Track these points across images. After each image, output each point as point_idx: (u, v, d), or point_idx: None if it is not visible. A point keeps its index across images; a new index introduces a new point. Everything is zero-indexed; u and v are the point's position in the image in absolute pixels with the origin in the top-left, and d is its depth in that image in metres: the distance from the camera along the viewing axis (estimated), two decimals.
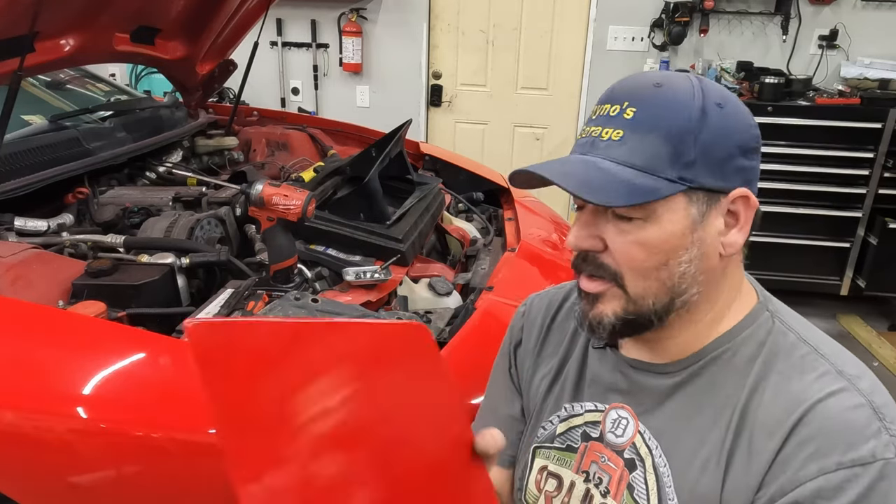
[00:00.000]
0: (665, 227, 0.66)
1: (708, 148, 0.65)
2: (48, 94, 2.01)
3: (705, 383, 0.70)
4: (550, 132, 4.17)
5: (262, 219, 1.25)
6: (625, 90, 0.68)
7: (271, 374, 0.49)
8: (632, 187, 0.65)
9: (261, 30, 2.10)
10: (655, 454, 0.72)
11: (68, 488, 0.98)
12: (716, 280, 0.69)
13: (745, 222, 0.67)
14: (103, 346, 1.04)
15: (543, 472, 0.82)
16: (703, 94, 0.66)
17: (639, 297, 0.68)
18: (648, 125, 0.65)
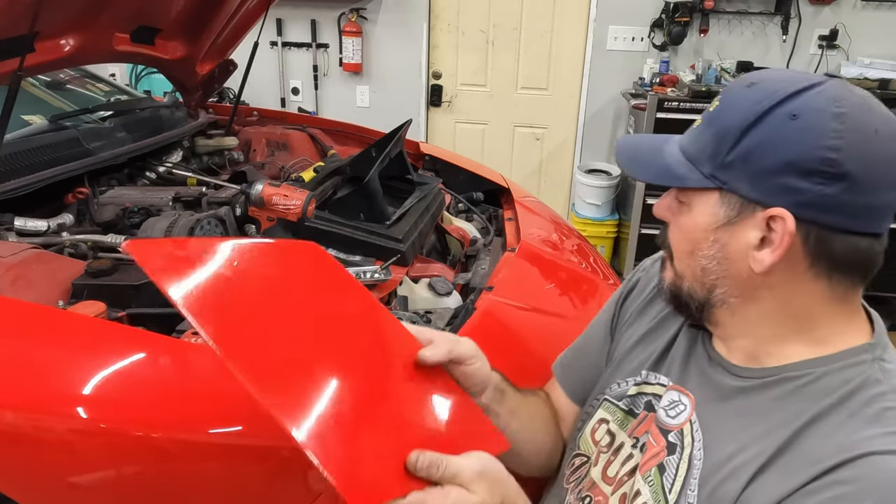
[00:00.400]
0: (695, 218, 0.70)
1: (750, 154, 0.64)
2: (48, 94, 2.01)
3: (771, 399, 0.68)
4: (550, 132, 4.17)
5: (262, 219, 1.25)
6: (729, 85, 0.72)
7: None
8: (666, 170, 0.71)
9: (261, 30, 2.10)
10: (696, 446, 0.72)
11: (68, 488, 0.98)
12: (755, 294, 0.68)
13: (779, 245, 0.63)
14: (103, 346, 1.04)
15: (602, 424, 0.86)
16: (781, 101, 0.63)
17: (680, 275, 0.75)
18: (712, 120, 0.69)
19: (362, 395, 0.63)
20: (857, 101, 0.63)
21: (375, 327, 0.73)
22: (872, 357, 0.66)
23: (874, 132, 0.62)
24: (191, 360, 1.03)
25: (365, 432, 0.60)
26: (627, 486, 0.78)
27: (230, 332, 0.58)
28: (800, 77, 0.65)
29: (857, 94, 0.64)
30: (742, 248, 0.66)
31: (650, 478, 0.75)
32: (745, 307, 0.70)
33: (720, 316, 0.73)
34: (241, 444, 0.94)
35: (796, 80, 0.65)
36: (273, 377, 0.57)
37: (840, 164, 0.60)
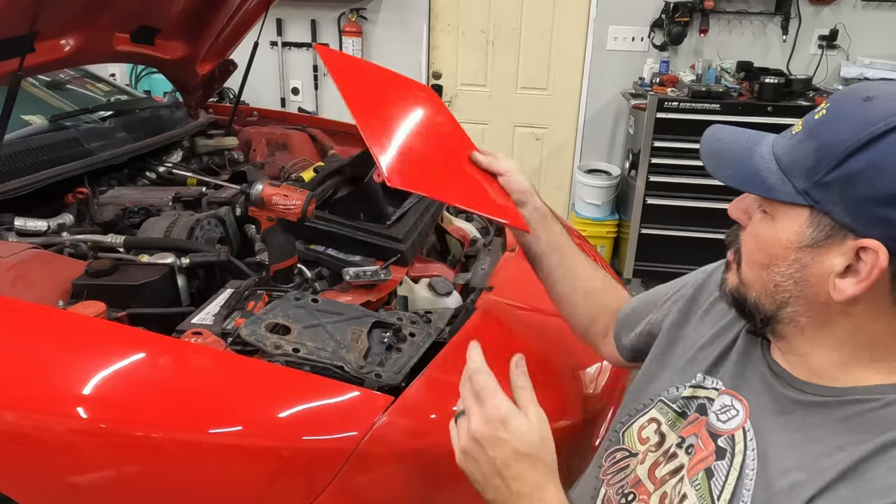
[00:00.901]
0: (777, 232, 0.66)
1: (854, 178, 0.59)
2: (48, 94, 2.01)
3: (836, 420, 0.65)
4: (550, 132, 4.17)
5: (262, 219, 1.24)
6: (839, 93, 0.66)
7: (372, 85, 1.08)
8: (756, 176, 0.67)
9: (261, 30, 2.10)
10: (749, 455, 0.70)
11: (68, 488, 0.98)
12: (829, 318, 0.66)
13: (866, 278, 0.60)
14: (103, 346, 1.04)
15: (652, 423, 0.85)
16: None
17: (747, 283, 0.72)
18: (816, 130, 0.64)
19: (442, 151, 1.06)
20: None
21: (455, 130, 1.18)
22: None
23: None
24: (191, 360, 1.03)
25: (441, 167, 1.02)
26: (669, 486, 0.77)
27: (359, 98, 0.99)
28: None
29: None
30: (824, 272, 0.63)
31: (697, 482, 0.73)
32: (815, 329, 0.67)
33: (786, 332, 0.70)
34: (241, 444, 0.94)
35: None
36: (379, 127, 0.97)
37: None
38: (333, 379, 0.99)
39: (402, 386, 1.01)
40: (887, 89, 0.63)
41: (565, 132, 4.15)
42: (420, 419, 1.00)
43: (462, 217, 2.06)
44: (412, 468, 0.99)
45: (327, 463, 0.93)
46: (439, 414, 1.03)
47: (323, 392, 0.98)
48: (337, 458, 0.92)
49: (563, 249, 1.09)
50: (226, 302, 1.18)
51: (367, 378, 1.00)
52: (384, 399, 0.97)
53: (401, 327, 1.15)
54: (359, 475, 0.94)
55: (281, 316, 1.08)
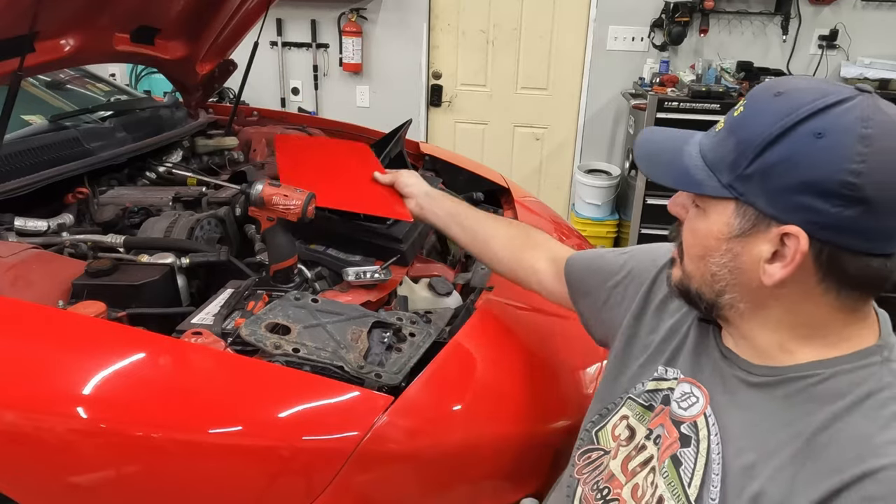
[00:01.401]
0: (709, 225, 0.70)
1: (770, 170, 0.63)
2: (48, 94, 2.01)
3: (779, 397, 0.69)
4: (550, 132, 4.17)
5: (262, 219, 1.24)
6: (755, 90, 0.70)
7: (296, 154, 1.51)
8: (684, 174, 0.71)
9: (261, 30, 2.10)
10: (713, 441, 0.73)
11: (68, 488, 0.98)
12: (764, 302, 0.70)
13: (790, 262, 0.64)
14: (103, 346, 1.04)
15: (623, 420, 0.87)
16: (807, 116, 0.62)
17: (689, 275, 0.76)
18: (735, 127, 0.68)
19: (352, 179, 1.41)
20: (886, 120, 0.62)
21: (368, 163, 1.46)
22: (881, 359, 0.67)
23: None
24: (191, 360, 1.03)
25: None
26: (640, 478, 0.80)
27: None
28: (829, 90, 0.64)
29: (887, 112, 0.62)
30: (754, 259, 0.67)
31: (665, 470, 0.76)
32: (753, 313, 0.71)
33: (729, 316, 0.74)
34: (241, 444, 0.94)
35: (825, 94, 0.63)
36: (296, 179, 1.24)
37: (861, 188, 0.60)
38: (333, 379, 0.99)
39: (402, 386, 1.01)
40: (796, 84, 0.66)
41: (565, 132, 4.15)
42: (420, 419, 1.00)
43: None
44: (412, 468, 0.99)
45: (327, 463, 0.93)
46: (439, 414, 1.03)
47: (323, 392, 0.98)
48: (337, 458, 0.92)
49: (459, 217, 1.27)
50: (226, 302, 1.18)
51: (367, 378, 1.00)
52: (384, 399, 0.97)
53: (401, 327, 1.15)
54: (359, 475, 0.94)
55: (281, 316, 1.08)
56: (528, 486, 1.11)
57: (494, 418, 1.08)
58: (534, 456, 1.12)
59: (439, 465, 1.01)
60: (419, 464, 0.99)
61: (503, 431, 1.08)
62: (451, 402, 1.07)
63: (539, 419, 1.12)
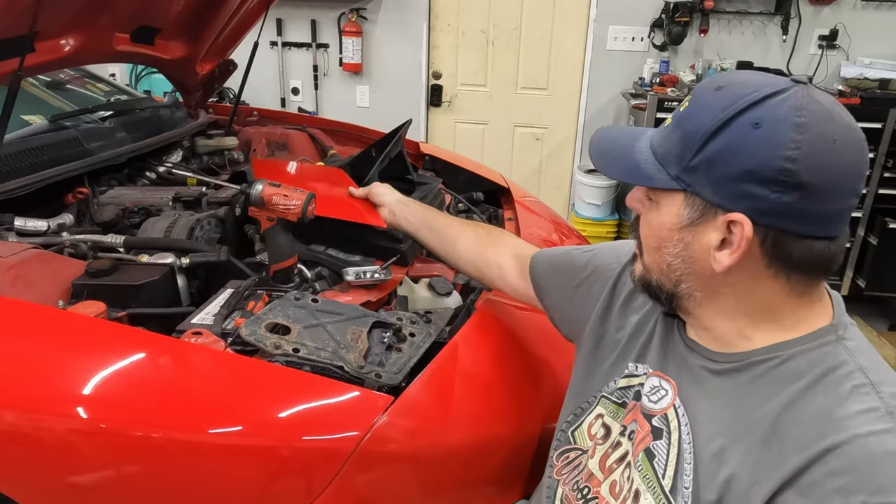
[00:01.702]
0: (661, 216, 0.73)
1: (713, 160, 0.66)
2: (48, 94, 2.01)
3: (744, 382, 0.72)
4: (550, 132, 4.17)
5: (262, 219, 1.24)
6: (699, 86, 0.73)
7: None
8: (635, 168, 0.74)
9: (261, 30, 2.10)
10: (683, 431, 0.75)
11: (68, 488, 0.98)
12: (718, 289, 0.72)
13: (737, 249, 0.67)
14: (103, 346, 1.04)
15: (599, 419, 0.89)
16: (745, 108, 0.65)
17: (648, 268, 0.78)
18: (681, 121, 0.71)
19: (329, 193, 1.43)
20: (820, 109, 0.65)
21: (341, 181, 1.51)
22: (836, 337, 0.70)
23: (832, 142, 0.64)
24: (191, 360, 1.03)
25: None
26: (617, 474, 0.81)
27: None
28: (766, 82, 0.67)
29: (820, 101, 0.65)
30: (704, 248, 0.70)
31: (639, 464, 0.77)
32: (710, 301, 0.74)
33: (688, 306, 0.76)
34: (241, 444, 0.94)
35: (762, 86, 0.66)
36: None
37: (797, 174, 0.63)
38: (333, 379, 0.99)
39: (402, 386, 1.01)
40: (736, 78, 0.70)
41: (565, 132, 4.15)
42: (420, 419, 1.00)
43: (462, 217, 2.06)
44: (412, 468, 0.99)
45: (327, 463, 0.93)
46: (439, 414, 1.03)
47: (323, 392, 0.98)
48: (337, 458, 0.92)
49: (429, 221, 1.32)
50: (226, 302, 1.18)
51: (367, 378, 1.00)
52: (384, 399, 0.97)
53: (401, 327, 1.15)
54: (359, 475, 0.94)
55: (281, 316, 1.08)
56: (528, 486, 1.11)
57: (494, 419, 1.08)
58: (534, 456, 1.12)
59: (439, 465, 1.01)
60: (419, 464, 0.99)
61: (503, 432, 1.08)
62: (451, 402, 1.07)
63: (539, 419, 1.12)
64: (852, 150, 0.65)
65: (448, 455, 1.01)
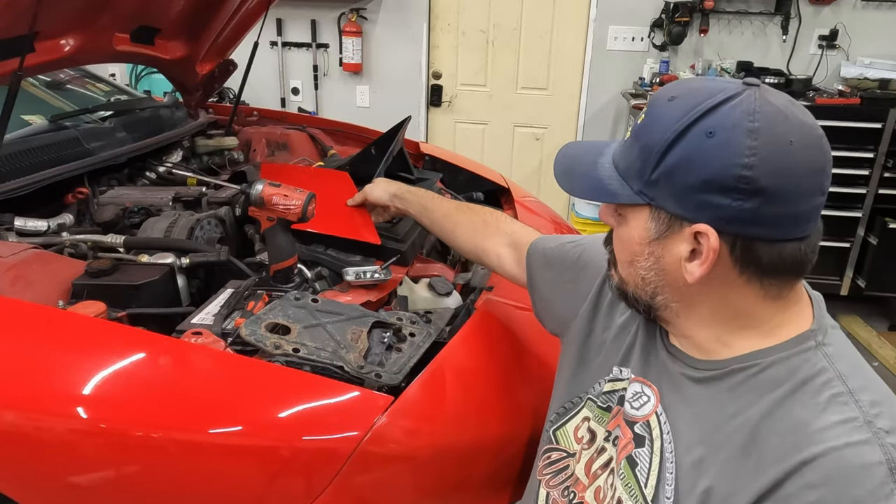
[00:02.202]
0: (630, 231, 0.73)
1: (672, 172, 0.65)
2: (48, 94, 2.01)
3: (724, 390, 0.71)
4: (550, 132, 4.17)
5: (262, 219, 1.24)
6: (653, 97, 0.72)
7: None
8: (600, 186, 0.73)
9: (261, 30, 2.10)
10: (665, 438, 0.74)
11: (68, 488, 0.98)
12: (693, 299, 0.72)
13: (705, 259, 0.66)
14: (103, 346, 1.04)
15: (585, 422, 0.88)
16: (698, 117, 0.64)
17: (624, 280, 0.78)
18: (639, 135, 0.70)
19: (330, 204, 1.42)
20: (773, 111, 0.63)
21: (346, 189, 1.53)
22: (815, 343, 0.69)
23: (788, 143, 0.63)
24: (191, 360, 1.03)
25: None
26: (601, 480, 0.81)
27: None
28: (717, 88, 0.66)
29: (773, 103, 0.64)
30: (675, 260, 0.69)
31: (622, 471, 0.77)
32: (686, 311, 0.73)
33: (667, 316, 0.76)
34: (241, 444, 0.94)
35: (714, 93, 0.65)
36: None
37: (755, 180, 0.62)
38: (333, 379, 0.99)
39: (402, 386, 1.01)
40: (688, 86, 0.69)
41: (565, 132, 4.15)
42: (420, 419, 1.00)
43: None
44: (412, 468, 0.98)
45: (327, 463, 0.93)
46: (439, 414, 1.03)
47: (323, 392, 0.98)
48: (337, 458, 0.92)
49: (427, 213, 1.32)
50: (226, 302, 1.18)
51: (367, 378, 1.00)
52: (384, 399, 0.97)
53: (401, 327, 1.15)
54: (359, 475, 0.94)
55: (281, 316, 1.08)
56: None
57: (494, 418, 1.08)
58: (534, 456, 1.11)
59: (439, 465, 1.01)
60: (419, 464, 0.98)
61: (503, 432, 1.08)
62: (451, 402, 1.07)
63: (539, 419, 1.12)
64: (811, 149, 0.65)
65: (448, 455, 1.01)
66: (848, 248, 3.39)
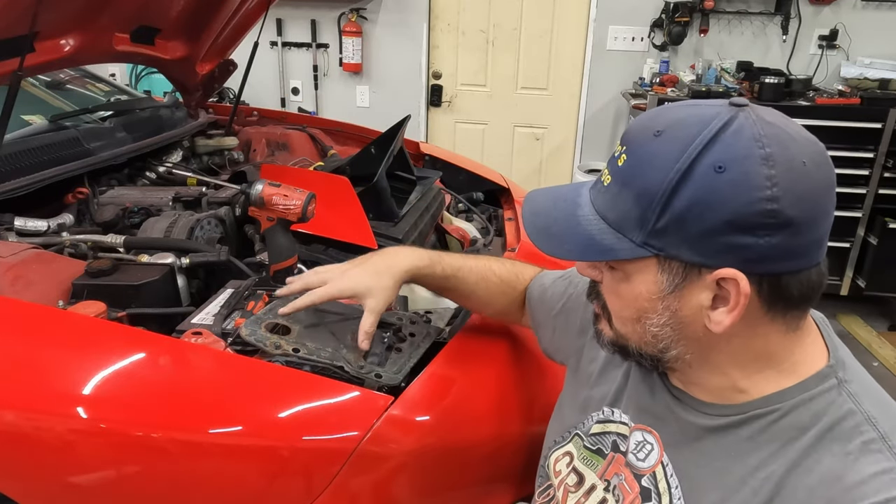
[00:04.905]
0: (635, 287, 0.64)
1: (684, 218, 0.58)
2: (48, 94, 2.01)
3: (743, 439, 0.65)
4: (550, 132, 4.17)
5: (262, 219, 1.24)
6: (630, 132, 0.64)
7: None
8: (591, 243, 0.64)
9: (261, 30, 2.10)
10: (674, 494, 0.69)
11: (68, 488, 0.98)
12: (713, 348, 0.65)
13: (735, 305, 0.59)
14: (103, 346, 1.04)
15: (566, 457, 0.84)
16: (700, 152, 0.57)
17: (622, 336, 0.70)
18: (627, 179, 0.61)
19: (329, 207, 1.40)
20: (777, 132, 0.58)
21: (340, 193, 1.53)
22: (837, 381, 0.63)
23: (802, 165, 0.57)
24: (191, 360, 1.03)
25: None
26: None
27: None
28: (708, 115, 0.59)
29: (771, 122, 0.59)
30: (695, 310, 0.62)
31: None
32: (702, 361, 0.67)
33: (676, 367, 0.69)
34: (241, 444, 0.94)
35: (705, 120, 0.58)
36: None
37: (781, 212, 0.56)
38: (333, 379, 0.99)
39: (402, 386, 1.01)
40: (671, 117, 0.61)
41: (565, 132, 4.15)
42: (420, 419, 1.00)
43: (462, 217, 2.06)
44: (412, 468, 0.98)
45: (327, 463, 0.93)
46: (439, 414, 1.03)
47: (323, 392, 0.98)
48: (337, 458, 0.92)
49: (449, 280, 1.05)
50: (226, 302, 1.18)
51: (367, 378, 1.00)
52: (384, 399, 0.97)
53: (401, 327, 1.15)
54: (359, 475, 0.94)
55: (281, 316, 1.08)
56: (528, 486, 1.11)
57: (494, 419, 1.08)
58: (534, 457, 1.11)
59: (439, 465, 1.01)
60: (419, 464, 0.98)
61: (503, 432, 1.08)
62: (451, 402, 1.07)
63: (539, 420, 1.12)
64: (822, 165, 0.59)
65: (448, 455, 1.01)
66: (848, 248, 3.40)
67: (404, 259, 1.00)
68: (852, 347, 3.15)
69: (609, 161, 0.65)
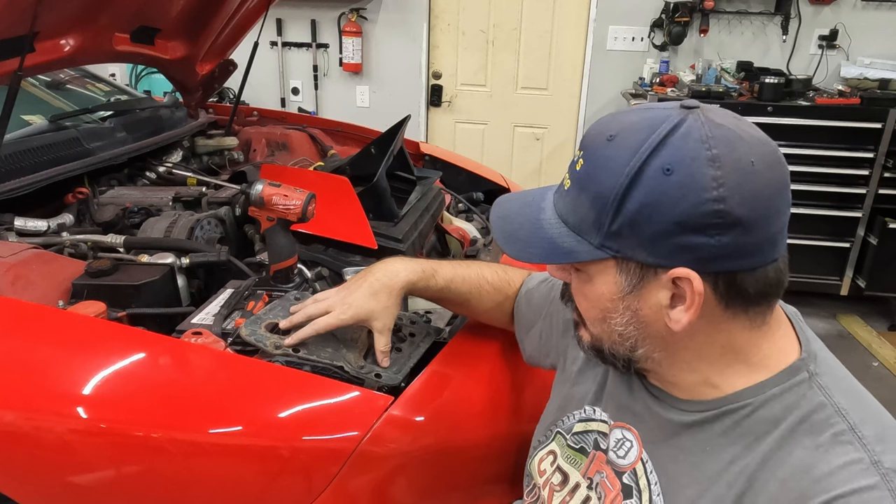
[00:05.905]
0: (597, 287, 0.67)
1: (636, 220, 0.60)
2: (48, 94, 2.01)
3: (717, 434, 0.66)
4: (550, 132, 4.17)
5: (262, 219, 1.24)
6: (587, 137, 0.66)
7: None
8: (553, 246, 0.66)
9: (261, 30, 2.10)
10: (654, 490, 0.70)
11: (68, 488, 0.98)
12: (678, 345, 0.66)
13: (691, 304, 0.61)
14: (103, 346, 1.04)
15: (550, 456, 0.85)
16: (649, 155, 0.58)
17: (598, 338, 0.72)
18: (584, 183, 0.64)
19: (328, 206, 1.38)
20: (725, 133, 0.59)
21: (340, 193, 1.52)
22: (808, 374, 0.65)
23: (750, 165, 0.58)
24: (191, 360, 1.03)
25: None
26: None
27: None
28: (657, 118, 0.60)
29: (722, 124, 0.60)
30: (654, 309, 0.64)
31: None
32: (671, 358, 0.68)
33: (648, 366, 0.71)
34: (241, 444, 0.94)
35: (655, 125, 0.60)
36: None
37: (729, 212, 0.57)
38: (333, 379, 0.99)
39: (402, 386, 1.01)
40: (624, 121, 0.63)
41: (565, 132, 4.15)
42: (420, 419, 1.00)
43: (462, 217, 2.06)
44: (412, 468, 0.99)
45: (327, 463, 0.93)
46: (439, 414, 1.03)
47: (323, 392, 0.98)
48: (337, 458, 0.92)
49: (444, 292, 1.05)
50: (226, 302, 1.18)
51: (367, 378, 1.00)
52: (384, 399, 0.97)
53: (401, 327, 1.15)
54: (359, 475, 0.94)
55: (281, 316, 1.08)
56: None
57: (494, 418, 1.08)
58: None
59: (439, 465, 1.01)
60: (419, 464, 0.99)
61: (503, 432, 1.08)
62: (451, 402, 1.07)
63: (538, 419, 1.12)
64: (772, 165, 0.60)
65: (448, 455, 1.01)
66: (848, 248, 3.40)
67: (398, 274, 1.00)
68: (852, 347, 3.16)
69: (570, 165, 0.67)
